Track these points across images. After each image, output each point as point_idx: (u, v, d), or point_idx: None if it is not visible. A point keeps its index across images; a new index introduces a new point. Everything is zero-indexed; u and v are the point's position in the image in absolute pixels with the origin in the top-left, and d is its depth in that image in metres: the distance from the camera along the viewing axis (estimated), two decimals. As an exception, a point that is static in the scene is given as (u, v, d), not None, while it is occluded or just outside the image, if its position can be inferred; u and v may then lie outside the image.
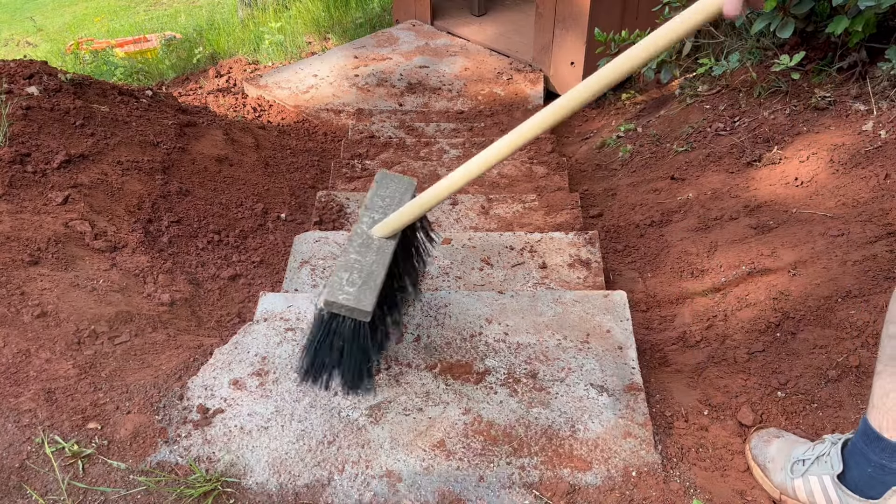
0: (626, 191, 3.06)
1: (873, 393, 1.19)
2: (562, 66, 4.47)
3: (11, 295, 1.75)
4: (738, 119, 2.87)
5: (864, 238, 1.89)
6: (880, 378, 1.17)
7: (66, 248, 2.04)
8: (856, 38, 2.50)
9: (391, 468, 1.42)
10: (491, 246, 2.30)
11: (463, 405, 1.54)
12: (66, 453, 1.40)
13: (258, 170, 3.19)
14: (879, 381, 1.17)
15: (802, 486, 1.31)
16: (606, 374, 1.60)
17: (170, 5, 9.70)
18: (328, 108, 4.32)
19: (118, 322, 1.80)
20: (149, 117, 2.98)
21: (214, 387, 1.57)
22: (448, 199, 1.52)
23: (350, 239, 1.36)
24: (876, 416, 1.18)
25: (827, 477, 1.27)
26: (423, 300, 1.81)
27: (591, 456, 1.43)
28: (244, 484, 1.39)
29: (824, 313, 1.72)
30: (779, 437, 1.43)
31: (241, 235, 2.61)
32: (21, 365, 1.56)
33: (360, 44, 4.98)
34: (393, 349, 1.67)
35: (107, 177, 2.49)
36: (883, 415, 1.17)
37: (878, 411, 1.17)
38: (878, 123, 2.30)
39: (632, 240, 2.59)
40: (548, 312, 1.78)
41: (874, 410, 1.18)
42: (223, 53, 5.66)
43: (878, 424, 1.18)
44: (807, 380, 1.59)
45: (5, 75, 2.73)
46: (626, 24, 4.22)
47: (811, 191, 2.23)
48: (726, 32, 3.27)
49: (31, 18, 9.35)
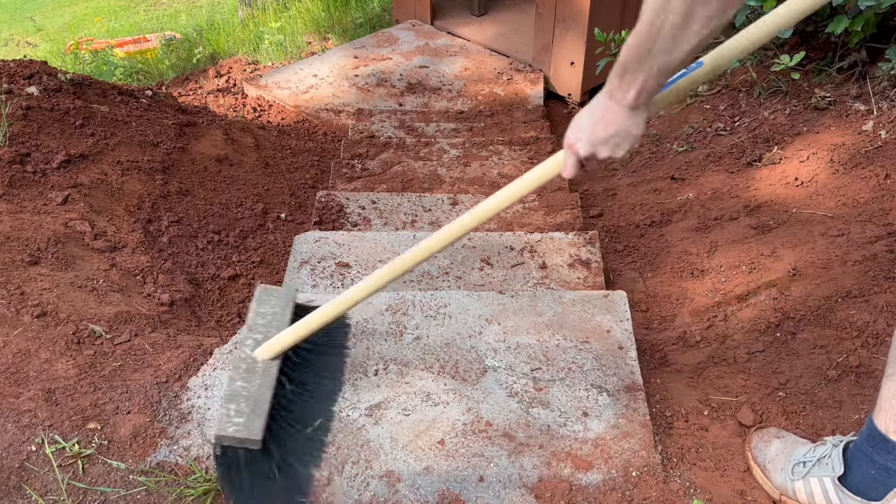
0: (626, 191, 3.06)
1: (881, 395, 1.19)
2: (562, 66, 4.47)
3: (11, 295, 1.75)
4: (738, 119, 2.87)
5: (864, 238, 1.89)
6: (890, 381, 1.17)
7: (66, 248, 2.04)
8: (856, 38, 2.50)
9: (391, 468, 1.42)
10: (491, 246, 2.30)
11: (463, 405, 1.54)
12: (66, 453, 1.40)
13: (258, 170, 3.19)
14: (889, 383, 1.17)
15: (803, 487, 1.31)
16: (606, 374, 1.60)
17: (170, 5, 9.70)
18: (328, 108, 4.32)
19: (118, 322, 1.80)
20: (149, 117, 2.98)
21: (215, 387, 1.57)
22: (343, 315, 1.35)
23: (235, 366, 1.27)
24: (883, 418, 1.18)
25: (828, 479, 1.27)
26: (424, 300, 1.81)
27: (592, 456, 1.43)
28: (244, 484, 1.39)
29: (824, 313, 1.72)
30: (779, 437, 1.43)
31: (241, 235, 2.61)
32: (21, 365, 1.56)
33: (360, 44, 4.98)
34: (393, 349, 1.67)
35: (107, 177, 2.49)
36: (891, 417, 1.16)
37: (885, 414, 1.17)
38: (878, 123, 2.30)
39: (632, 240, 2.59)
40: (548, 312, 1.78)
41: (881, 413, 1.18)
42: (223, 53, 5.65)
43: (884, 427, 1.18)
44: (807, 380, 1.59)
45: (5, 75, 2.73)
46: (626, 24, 4.22)
47: (811, 191, 2.23)
48: (726, 33, 3.26)
49: (31, 18, 9.35)
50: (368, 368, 1.62)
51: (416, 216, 2.64)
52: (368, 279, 1.25)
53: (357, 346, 1.68)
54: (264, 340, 1.29)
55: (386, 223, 2.61)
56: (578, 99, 4.54)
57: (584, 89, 4.51)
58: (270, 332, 1.31)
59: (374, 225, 2.60)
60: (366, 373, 1.61)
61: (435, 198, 2.72)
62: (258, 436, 1.20)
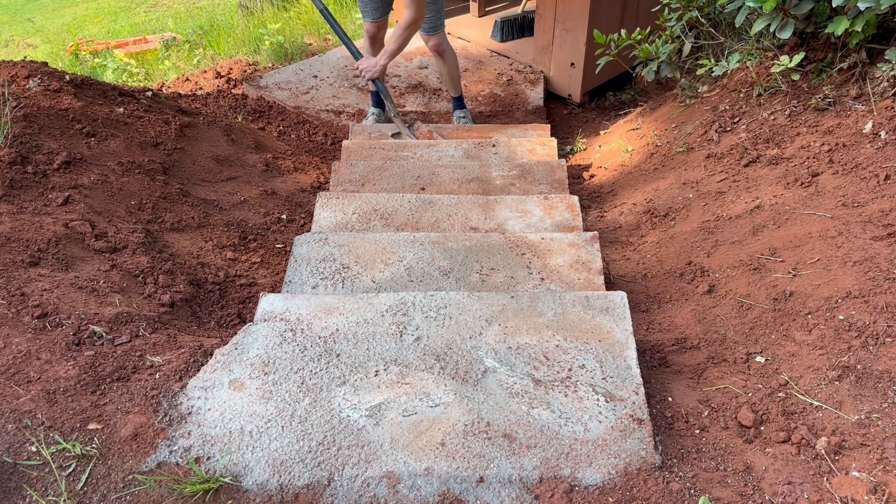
0: (627, 190, 3.06)
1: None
2: (562, 66, 4.47)
3: (12, 296, 1.75)
4: (738, 119, 2.87)
5: (864, 238, 1.89)
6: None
7: (67, 248, 2.04)
8: (856, 39, 2.50)
9: (391, 469, 1.42)
10: (491, 246, 2.30)
11: (463, 406, 1.54)
12: (67, 454, 1.40)
13: (258, 170, 3.19)
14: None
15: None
16: (606, 375, 1.60)
17: (170, 6, 9.70)
18: (328, 109, 4.32)
19: (119, 323, 1.80)
20: (149, 118, 2.98)
21: (214, 387, 1.57)
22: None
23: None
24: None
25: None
26: (424, 301, 1.81)
27: (591, 456, 1.43)
28: (244, 484, 1.39)
29: (824, 313, 1.72)
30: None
31: (242, 236, 2.61)
32: (21, 365, 1.56)
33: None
34: (394, 350, 1.67)
35: (107, 177, 2.49)
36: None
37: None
38: (878, 124, 2.30)
39: (632, 240, 2.59)
40: (548, 313, 1.78)
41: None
42: (223, 54, 5.66)
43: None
44: (807, 380, 1.59)
45: (6, 76, 2.73)
46: (626, 24, 4.22)
47: (811, 191, 2.23)
48: (726, 33, 3.27)
49: (30, 20, 9.35)
50: (369, 369, 1.62)
51: (416, 216, 2.64)
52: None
53: (357, 347, 1.69)
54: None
55: (386, 223, 2.61)
56: (578, 100, 4.53)
57: (584, 90, 4.50)
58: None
59: (375, 225, 2.60)
60: (366, 374, 1.61)
61: (436, 198, 2.72)
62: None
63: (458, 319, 1.76)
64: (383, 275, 2.20)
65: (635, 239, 2.62)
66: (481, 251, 2.28)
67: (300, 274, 2.22)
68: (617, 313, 1.77)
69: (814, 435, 1.47)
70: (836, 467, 1.38)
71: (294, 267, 2.24)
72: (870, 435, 1.41)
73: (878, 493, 1.30)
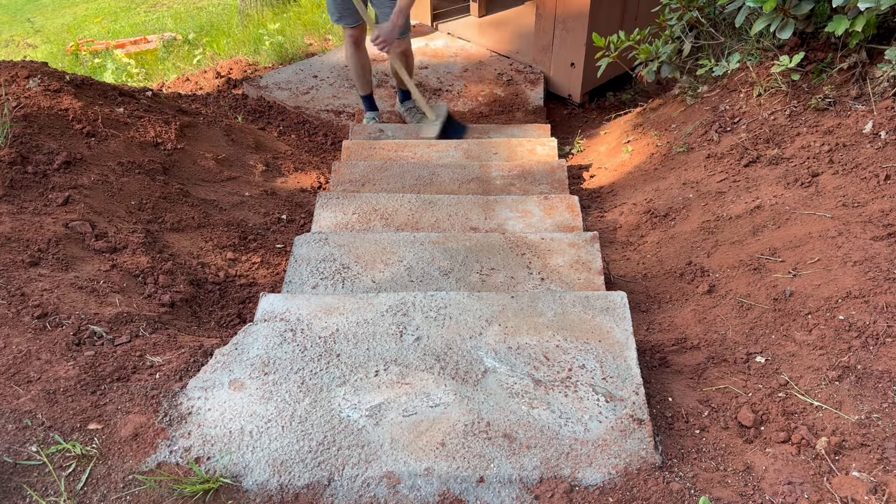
0: (627, 191, 3.06)
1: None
2: (562, 67, 4.47)
3: (12, 296, 1.75)
4: (739, 119, 2.87)
5: (864, 238, 1.89)
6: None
7: (67, 248, 2.04)
8: (856, 39, 2.50)
9: (391, 469, 1.42)
10: (491, 246, 2.30)
11: (463, 406, 1.54)
12: (67, 454, 1.40)
13: (258, 170, 3.19)
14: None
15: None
16: (607, 375, 1.60)
17: (170, 6, 9.70)
18: (328, 109, 4.32)
19: (119, 323, 1.80)
20: (149, 118, 2.98)
21: (215, 387, 1.57)
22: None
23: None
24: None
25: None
26: (424, 302, 1.81)
27: (592, 456, 1.43)
28: (244, 485, 1.39)
29: (824, 313, 1.72)
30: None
31: (242, 236, 2.61)
32: (21, 365, 1.56)
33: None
34: (394, 351, 1.67)
35: (107, 177, 2.49)
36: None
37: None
38: (878, 124, 2.30)
39: (632, 240, 2.59)
40: (548, 313, 1.78)
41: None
42: (223, 54, 5.66)
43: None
44: (807, 380, 1.59)
45: (6, 76, 2.73)
46: (626, 24, 4.22)
47: (811, 191, 2.23)
48: (726, 33, 3.27)
49: (30, 20, 9.35)
50: (369, 369, 1.62)
51: (416, 216, 2.64)
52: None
53: (358, 347, 1.69)
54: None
55: (387, 223, 2.61)
56: (579, 100, 4.53)
57: (585, 90, 4.51)
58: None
59: (375, 225, 2.60)
60: (366, 374, 1.61)
61: (436, 198, 2.72)
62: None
63: (458, 319, 1.76)
64: (383, 275, 2.20)
65: (635, 239, 2.61)
66: (481, 251, 2.28)
67: (300, 274, 2.22)
68: (617, 313, 1.77)
69: (814, 435, 1.47)
70: (837, 467, 1.38)
71: (294, 267, 2.24)
72: (870, 435, 1.41)
73: (878, 493, 1.30)
